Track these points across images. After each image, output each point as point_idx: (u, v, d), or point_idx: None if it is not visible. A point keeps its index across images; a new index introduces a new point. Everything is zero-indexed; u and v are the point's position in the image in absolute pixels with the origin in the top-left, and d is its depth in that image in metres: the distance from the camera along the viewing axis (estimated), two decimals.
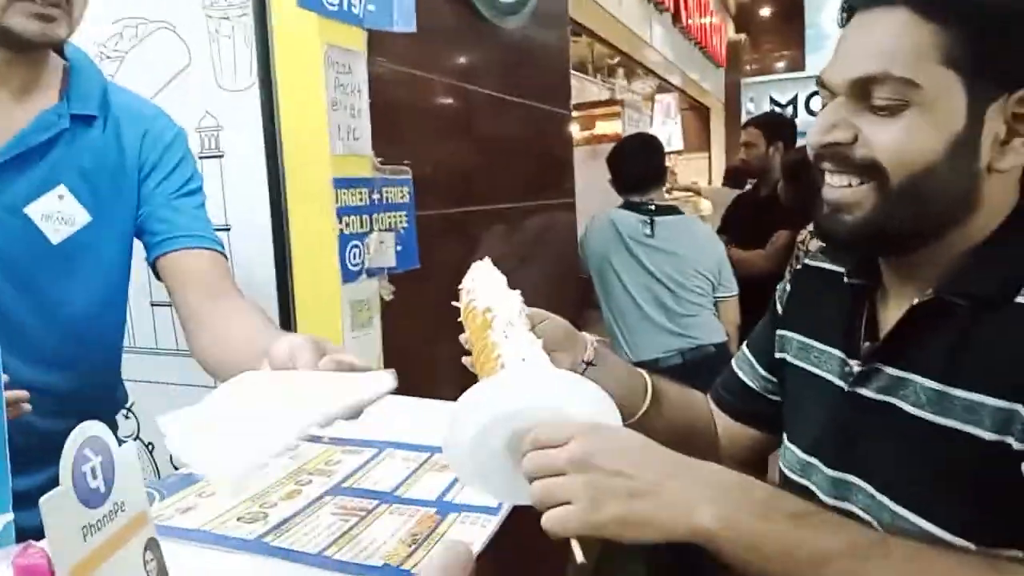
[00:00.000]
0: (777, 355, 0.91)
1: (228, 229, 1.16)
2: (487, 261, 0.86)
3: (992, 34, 0.64)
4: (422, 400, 1.12)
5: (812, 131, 0.70)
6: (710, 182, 7.05)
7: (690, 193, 4.73)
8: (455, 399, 1.01)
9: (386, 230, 1.15)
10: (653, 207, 2.30)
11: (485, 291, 0.79)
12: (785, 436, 0.87)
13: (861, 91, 0.66)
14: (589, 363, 0.79)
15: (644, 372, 0.88)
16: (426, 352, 1.35)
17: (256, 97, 1.08)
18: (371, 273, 1.11)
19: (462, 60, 1.60)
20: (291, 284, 1.09)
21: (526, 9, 1.80)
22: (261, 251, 1.10)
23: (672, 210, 2.38)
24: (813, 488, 0.78)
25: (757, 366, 0.95)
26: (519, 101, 1.87)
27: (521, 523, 0.73)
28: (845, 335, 0.78)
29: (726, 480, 0.58)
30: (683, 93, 6.79)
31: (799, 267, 0.93)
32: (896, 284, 0.76)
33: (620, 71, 4.77)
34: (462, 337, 0.81)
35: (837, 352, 0.79)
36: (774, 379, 0.93)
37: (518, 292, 0.79)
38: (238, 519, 0.78)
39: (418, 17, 1.28)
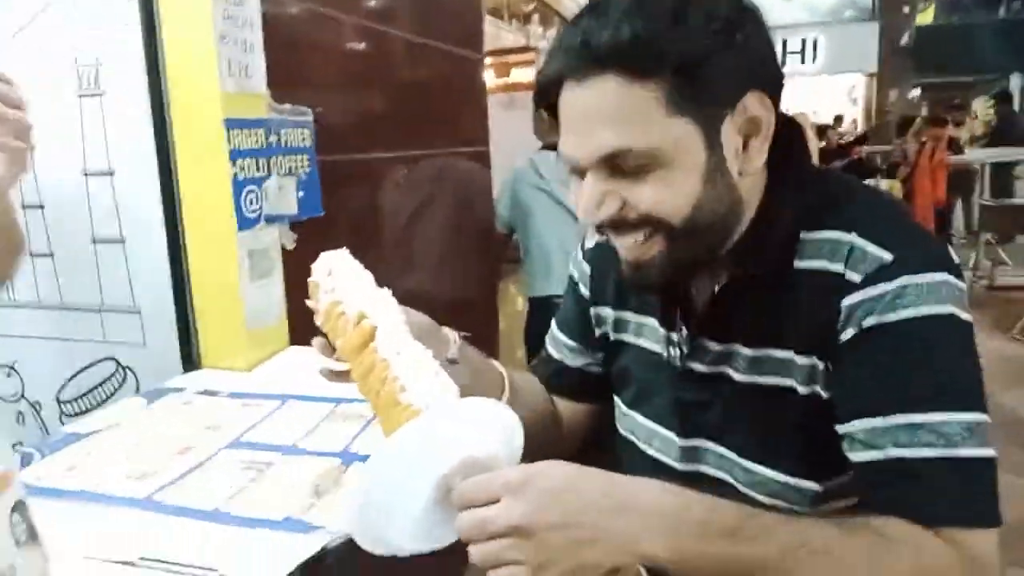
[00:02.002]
0: (598, 332, 0.93)
1: (112, 174, 1.08)
2: (344, 251, 0.76)
3: (695, 73, 0.66)
4: None
5: (581, 211, 0.72)
6: None
7: None
8: None
9: (286, 175, 1.09)
10: None
11: (351, 291, 0.70)
12: (621, 401, 0.90)
13: (609, 163, 0.69)
14: (452, 361, 0.77)
15: (499, 365, 0.88)
16: None
17: (137, 30, 1.00)
18: (271, 220, 1.06)
19: None
20: (182, 232, 1.03)
21: None
22: (147, 197, 1.03)
23: None
24: (663, 458, 0.84)
25: (575, 346, 0.97)
26: (430, 44, 1.81)
27: None
28: (663, 310, 0.83)
29: (666, 506, 0.59)
30: None
31: (591, 245, 0.95)
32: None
33: (536, 17, 4.69)
34: (312, 304, 0.75)
35: (660, 327, 0.83)
36: (596, 357, 0.95)
37: (388, 291, 0.72)
38: (127, 477, 0.74)
39: None
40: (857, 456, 0.68)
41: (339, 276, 0.72)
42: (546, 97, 0.72)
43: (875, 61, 15.11)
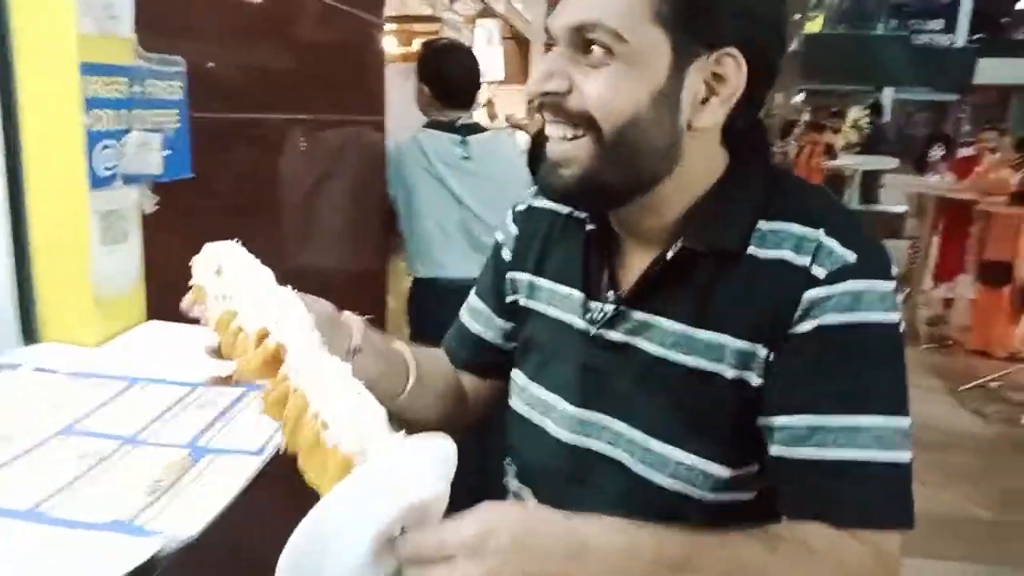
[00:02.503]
0: (509, 298, 0.93)
1: None
2: (233, 244, 0.68)
3: None
4: (187, 327, 1.01)
5: (531, 79, 0.73)
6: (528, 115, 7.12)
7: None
8: None
9: (151, 130, 1.00)
10: (463, 124, 2.23)
11: (248, 298, 0.63)
12: (520, 374, 0.90)
13: (578, 39, 0.70)
14: (356, 350, 0.74)
15: (403, 347, 0.87)
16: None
17: None
18: (128, 180, 0.97)
19: None
20: (22, 186, 0.92)
21: None
22: None
23: (480, 128, 2.31)
24: (551, 427, 0.83)
25: (491, 314, 0.97)
26: (326, 1, 1.71)
27: (285, 464, 0.67)
28: (585, 278, 0.83)
29: (617, 545, 0.60)
30: (506, 21, 6.71)
31: (522, 208, 0.95)
32: (626, 233, 0.82)
33: None
34: (185, 304, 0.70)
35: (577, 293, 0.83)
36: (510, 324, 0.95)
37: (290, 290, 0.65)
38: None
39: None
40: (786, 451, 0.70)
41: (231, 278, 0.64)
42: None
43: None
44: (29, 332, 0.96)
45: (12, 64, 0.90)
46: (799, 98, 18.88)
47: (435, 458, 0.56)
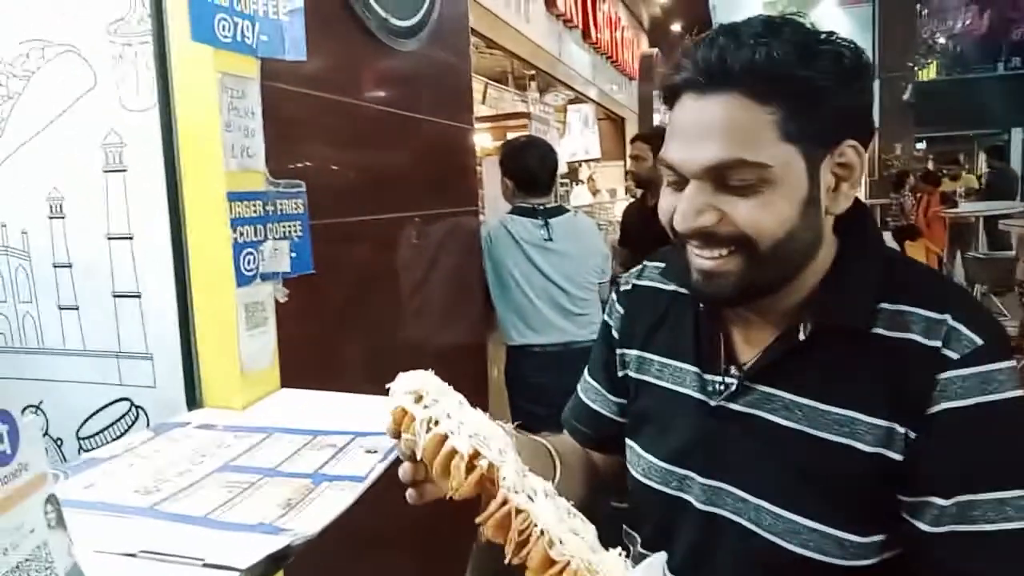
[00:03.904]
0: (620, 374, 0.97)
1: (131, 238, 1.25)
2: (429, 373, 0.71)
3: (813, 106, 0.71)
4: (309, 392, 1.24)
5: (679, 217, 0.75)
6: (626, 191, 7.35)
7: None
8: (337, 386, 1.14)
9: (280, 238, 1.26)
10: (543, 208, 2.46)
11: (454, 419, 0.66)
12: (636, 446, 0.92)
13: (716, 175, 0.72)
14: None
15: (544, 440, 0.90)
16: (319, 348, 1.47)
17: (156, 118, 1.19)
18: (265, 277, 1.23)
19: (360, 81, 1.73)
20: (189, 287, 1.20)
21: (423, 33, 1.94)
22: (161, 257, 1.20)
23: (560, 210, 2.54)
24: (681, 495, 0.86)
25: (604, 392, 1.00)
26: (418, 116, 2.00)
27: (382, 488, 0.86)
28: (700, 353, 0.86)
29: None
30: (599, 104, 7.06)
31: (627, 287, 0.99)
32: (747, 310, 0.84)
33: (532, 84, 4.96)
34: (389, 431, 0.71)
35: (692, 368, 0.86)
36: (623, 400, 0.98)
37: (491, 420, 0.69)
38: (134, 492, 0.89)
39: (320, 43, 1.41)
40: (936, 528, 0.72)
41: (436, 405, 0.68)
42: (668, 102, 0.77)
43: (876, 116, 15.45)
44: (192, 400, 1.22)
45: (181, 195, 1.19)
46: (920, 146, 18.13)
47: (659, 571, 0.64)
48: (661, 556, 0.66)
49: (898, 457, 0.73)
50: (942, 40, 19.07)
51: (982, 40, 18.65)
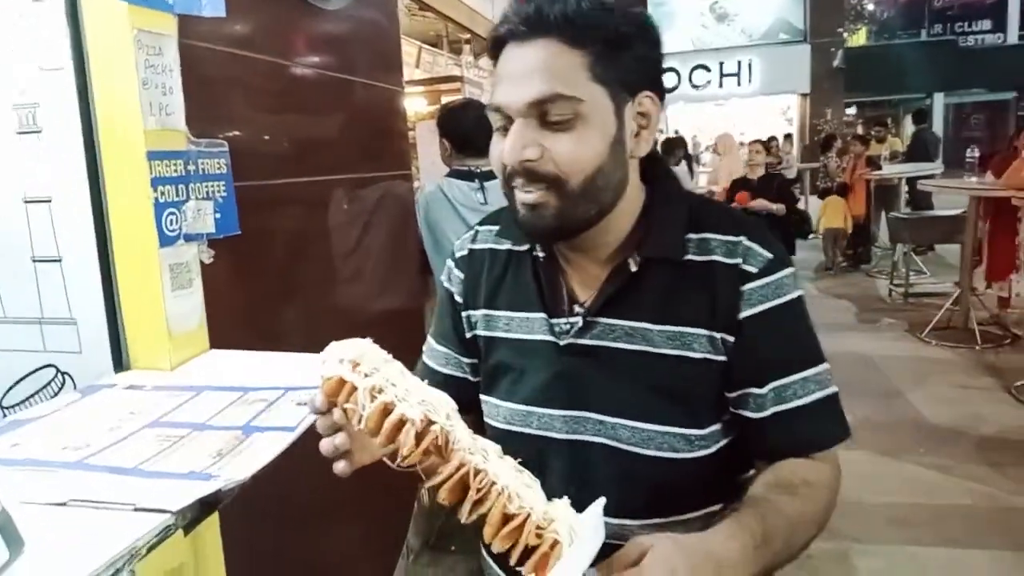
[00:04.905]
0: (468, 335, 1.05)
1: (49, 201, 1.23)
2: (367, 342, 0.71)
3: (614, 51, 0.84)
4: (240, 352, 1.25)
5: (507, 151, 0.85)
6: None
7: None
8: (269, 350, 1.15)
9: (204, 199, 1.26)
10: (480, 171, 2.47)
11: (399, 387, 0.67)
12: (493, 399, 1.01)
13: (538, 111, 0.82)
14: None
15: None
16: (247, 309, 1.48)
17: (71, 77, 1.16)
18: (189, 238, 1.22)
19: (284, 40, 1.71)
20: (111, 250, 1.18)
21: None
22: (81, 220, 1.18)
23: (493, 174, 2.55)
24: (546, 433, 0.95)
25: (456, 355, 1.07)
26: (346, 77, 1.99)
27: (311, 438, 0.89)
28: (544, 300, 0.96)
29: (735, 551, 0.73)
30: None
31: (464, 253, 1.07)
32: (575, 255, 0.95)
33: (467, 47, 4.92)
34: (321, 403, 0.74)
35: (539, 315, 0.96)
36: (475, 360, 1.06)
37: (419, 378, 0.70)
38: (63, 448, 0.90)
39: (242, 1, 1.39)
40: (759, 413, 0.89)
41: (379, 373, 0.68)
42: (493, 54, 0.88)
43: (807, 82, 15.83)
44: (119, 362, 1.22)
45: (99, 155, 1.17)
46: (850, 111, 18.68)
47: (599, 516, 0.68)
48: (600, 502, 0.70)
49: (722, 359, 0.89)
50: (870, 7, 19.59)
51: (907, 7, 19.22)
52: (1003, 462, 3.32)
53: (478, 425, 1.02)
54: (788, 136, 13.10)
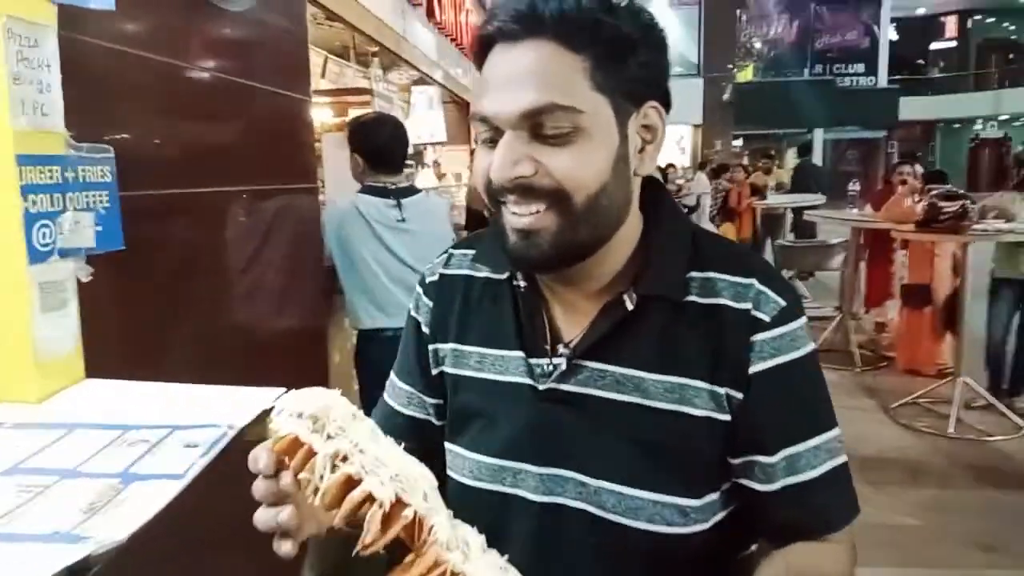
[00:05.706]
0: (434, 371, 0.91)
1: None
2: (335, 392, 0.60)
3: (616, 56, 0.72)
4: (121, 382, 1.12)
5: (496, 168, 0.72)
6: (471, 175, 7.39)
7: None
8: (155, 379, 1.02)
9: (83, 210, 1.12)
10: (395, 188, 2.38)
11: (368, 455, 0.55)
12: (458, 448, 0.87)
13: (532, 123, 0.71)
14: None
15: None
16: (131, 333, 1.34)
17: None
18: (64, 254, 1.09)
19: (182, 40, 1.58)
20: None
21: None
22: None
23: (412, 190, 2.48)
24: (515, 492, 0.81)
25: (420, 394, 0.94)
26: (248, 84, 1.87)
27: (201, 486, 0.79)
28: (523, 337, 0.82)
29: None
30: (444, 87, 7.00)
31: (434, 278, 0.93)
32: (563, 287, 0.82)
33: (375, 60, 4.82)
34: (266, 465, 0.63)
35: (515, 354, 0.82)
36: (440, 400, 0.92)
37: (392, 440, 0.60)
38: None
39: None
40: (768, 485, 0.76)
41: (343, 435, 0.56)
42: (479, 56, 0.75)
43: (700, 114, 16.59)
44: None
45: None
46: (738, 143, 19.68)
47: None
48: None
49: (726, 418, 0.76)
50: (759, 45, 20.76)
51: (792, 47, 20.49)
52: (883, 481, 3.49)
53: (442, 478, 0.88)
54: (702, 164, 13.60)
